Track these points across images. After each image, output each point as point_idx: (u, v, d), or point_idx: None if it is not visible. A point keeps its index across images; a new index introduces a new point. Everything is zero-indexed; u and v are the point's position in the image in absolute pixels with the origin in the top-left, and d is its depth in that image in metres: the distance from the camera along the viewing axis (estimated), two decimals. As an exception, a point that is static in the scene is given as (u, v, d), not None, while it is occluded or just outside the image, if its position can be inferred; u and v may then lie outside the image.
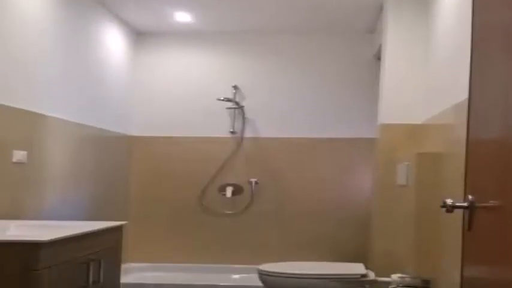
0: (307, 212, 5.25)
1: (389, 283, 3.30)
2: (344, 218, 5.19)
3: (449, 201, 1.90)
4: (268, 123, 5.38)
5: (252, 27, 5.29)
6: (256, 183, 5.32)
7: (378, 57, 4.92)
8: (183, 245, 5.36)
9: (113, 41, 4.95)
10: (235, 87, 5.40)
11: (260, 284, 4.10)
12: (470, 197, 1.83)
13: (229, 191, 5.34)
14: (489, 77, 1.81)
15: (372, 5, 4.58)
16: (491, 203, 1.66)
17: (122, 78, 5.19)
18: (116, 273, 3.23)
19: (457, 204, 1.89)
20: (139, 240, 5.30)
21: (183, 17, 5.01)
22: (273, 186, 5.33)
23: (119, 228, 3.20)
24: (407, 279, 3.12)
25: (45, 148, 3.79)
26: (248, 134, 5.40)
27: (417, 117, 4.11)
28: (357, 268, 4.10)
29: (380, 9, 4.62)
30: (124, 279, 3.53)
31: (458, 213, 2.06)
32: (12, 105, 3.37)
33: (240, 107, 5.37)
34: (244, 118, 5.39)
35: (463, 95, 2.48)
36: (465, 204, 1.85)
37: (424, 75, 4.11)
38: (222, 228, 5.34)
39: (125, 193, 5.32)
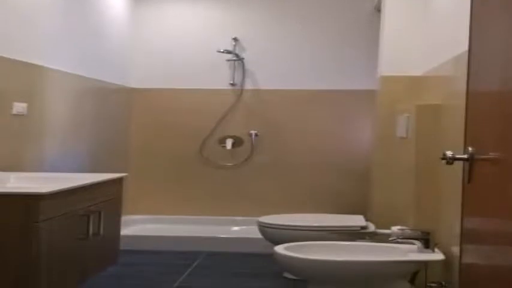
0: (307, 164, 5.26)
1: (389, 235, 3.31)
2: (344, 169, 5.21)
3: (449, 153, 1.90)
4: (268, 75, 5.34)
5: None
6: (256, 135, 5.32)
7: (378, 9, 4.86)
8: (183, 197, 5.39)
9: (111, -8, 4.88)
10: (235, 39, 5.35)
11: (260, 235, 4.12)
12: (470, 149, 1.82)
13: (229, 143, 5.35)
14: (489, 29, 1.79)
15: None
16: (491, 155, 1.66)
17: (122, 31, 5.13)
18: (116, 225, 3.25)
19: (457, 156, 1.88)
20: (139, 192, 5.32)
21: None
22: (273, 138, 5.33)
23: (119, 180, 3.21)
24: (407, 231, 3.13)
25: (45, 100, 3.77)
26: (248, 86, 5.37)
27: (417, 69, 4.08)
28: (357, 220, 4.12)
29: (382, -41, 4.55)
30: (124, 231, 3.55)
31: (458, 165, 2.06)
32: (12, 57, 3.34)
33: (240, 59, 5.33)
34: (244, 70, 5.35)
35: (463, 46, 2.45)
36: (465, 156, 1.84)
37: (425, 27, 4.06)
38: (222, 180, 5.37)
39: (125, 145, 5.32)
